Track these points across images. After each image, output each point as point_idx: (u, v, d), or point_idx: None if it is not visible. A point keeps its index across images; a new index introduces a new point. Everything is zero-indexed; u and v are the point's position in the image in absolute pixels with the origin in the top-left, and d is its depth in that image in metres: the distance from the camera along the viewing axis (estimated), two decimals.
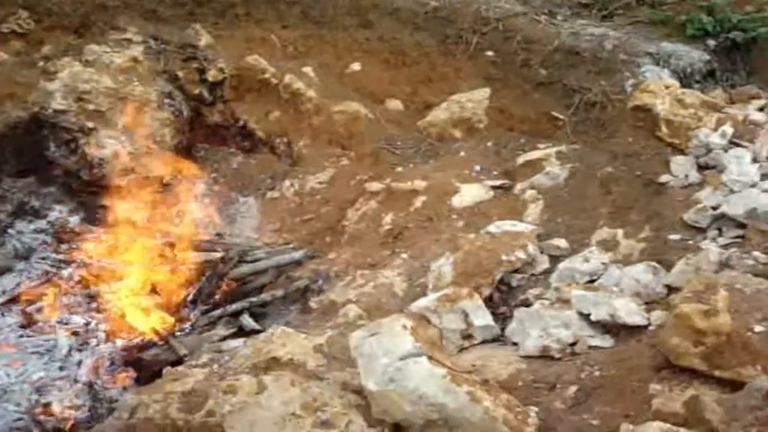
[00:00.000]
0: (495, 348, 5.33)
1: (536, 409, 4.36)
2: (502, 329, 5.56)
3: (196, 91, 9.10)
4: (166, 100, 8.78)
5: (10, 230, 8.35)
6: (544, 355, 5.02)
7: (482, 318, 5.44)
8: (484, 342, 5.46)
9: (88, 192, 8.65)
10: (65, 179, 8.72)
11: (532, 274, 6.22)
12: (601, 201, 6.85)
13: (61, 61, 8.68)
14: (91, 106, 8.43)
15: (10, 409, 6.56)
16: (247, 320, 6.96)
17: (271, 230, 8.36)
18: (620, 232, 6.38)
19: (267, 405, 4.59)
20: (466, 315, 5.43)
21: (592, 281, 5.80)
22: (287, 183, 8.67)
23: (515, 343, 5.34)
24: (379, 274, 6.52)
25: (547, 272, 6.21)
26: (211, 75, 9.03)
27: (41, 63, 8.81)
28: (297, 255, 7.61)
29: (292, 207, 8.50)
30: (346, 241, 7.57)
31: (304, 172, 8.71)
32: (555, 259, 6.31)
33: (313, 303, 6.55)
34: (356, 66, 9.06)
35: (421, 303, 5.57)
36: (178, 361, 6.50)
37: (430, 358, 4.23)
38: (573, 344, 5.08)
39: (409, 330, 4.38)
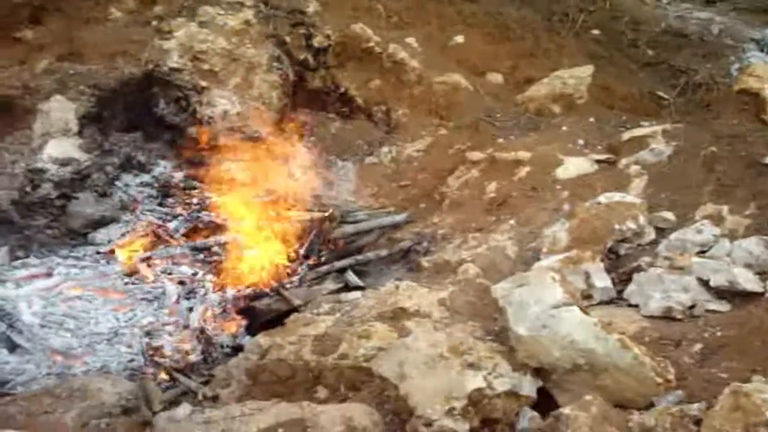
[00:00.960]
0: (614, 308, 5.60)
1: (668, 361, 4.64)
2: (618, 292, 5.83)
3: (302, 57, 9.47)
4: (275, 64, 9.13)
5: (117, 182, 8.71)
6: (666, 316, 5.27)
7: (603, 280, 5.71)
8: (601, 303, 5.73)
9: (194, 149, 9.03)
10: (171, 136, 9.13)
11: (639, 244, 6.45)
12: (704, 179, 7.04)
13: (175, 20, 9.07)
14: (205, 66, 8.80)
15: (123, 350, 6.93)
16: (351, 276, 7.28)
17: (368, 194, 8.69)
18: (725, 208, 6.57)
19: (414, 347, 4.88)
20: (587, 276, 5.71)
21: (702, 252, 6.04)
22: (385, 149, 9.02)
23: (632, 305, 5.60)
24: (490, 237, 6.80)
25: (653, 243, 6.43)
26: (317, 41, 9.39)
27: (154, 22, 9.21)
28: (398, 218, 7.94)
29: (389, 173, 8.85)
30: (448, 206, 7.86)
31: (402, 140, 9.05)
32: (660, 231, 6.53)
33: (425, 262, 6.85)
34: (459, 38, 9.37)
35: (543, 263, 5.85)
36: (291, 311, 6.88)
37: (579, 307, 4.54)
38: (691, 307, 5.34)
39: (558, 282, 4.68)
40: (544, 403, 4.65)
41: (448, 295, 5.90)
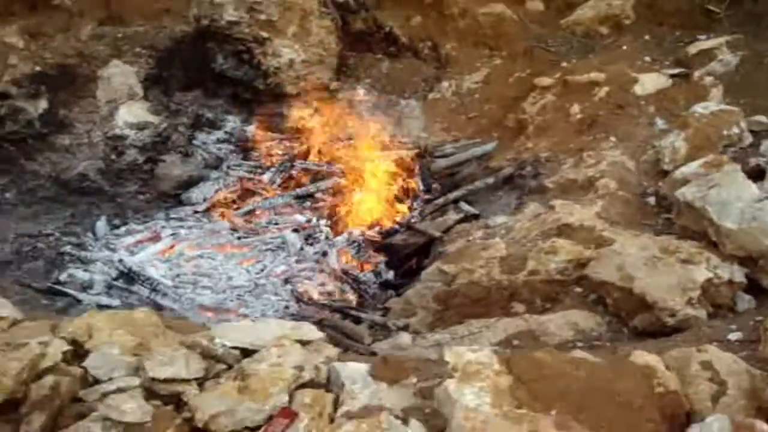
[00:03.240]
0: None
1: None
2: None
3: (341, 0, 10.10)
4: (323, 9, 9.73)
5: (194, 142, 9.28)
6: None
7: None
8: None
9: (259, 101, 9.63)
10: (233, 90, 9.68)
11: (741, 147, 7.57)
12: None
13: None
14: (262, 17, 9.30)
15: (273, 299, 7.63)
16: (466, 206, 8.10)
17: (439, 129, 9.53)
18: None
19: (626, 252, 5.84)
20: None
21: None
22: (445, 84, 9.84)
23: None
24: (605, 154, 7.78)
25: (752, 146, 7.52)
26: None
27: None
28: (488, 147, 8.81)
29: (454, 107, 9.70)
30: (533, 132, 8.74)
31: (458, 74, 9.88)
32: (756, 134, 7.66)
33: (549, 183, 7.74)
34: None
35: (685, 170, 6.83)
36: (428, 243, 7.73)
37: None
38: None
39: (749, 181, 5.75)
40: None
41: (601, 208, 6.88)
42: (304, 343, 4.03)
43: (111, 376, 3.54)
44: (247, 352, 3.91)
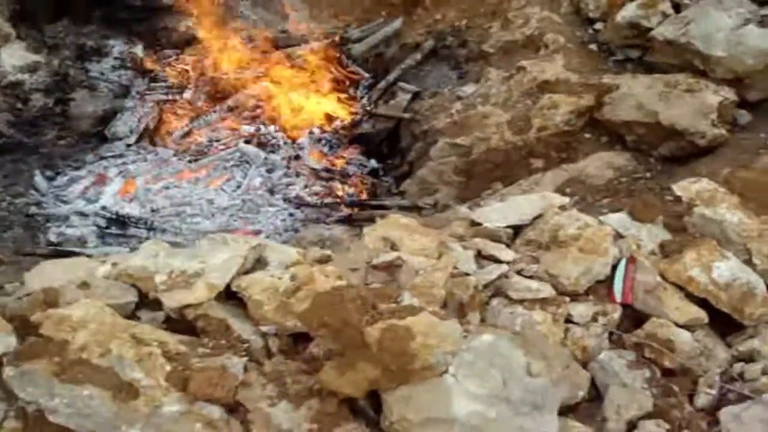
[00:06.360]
0: None
1: None
2: None
3: None
4: None
5: (90, 74, 9.60)
6: None
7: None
8: None
9: (137, 19, 10.05)
10: (103, 11, 10.00)
11: None
12: None
13: None
14: None
15: (271, 210, 8.38)
16: (406, 86, 9.32)
17: (327, 16, 10.58)
18: None
19: (637, 92, 7.33)
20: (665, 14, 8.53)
21: None
22: None
23: None
24: (529, 12, 9.28)
25: None
26: None
27: None
28: (396, 24, 10.01)
29: None
30: (432, 3, 10.05)
31: None
32: None
33: (487, 48, 9.17)
34: None
35: (625, 14, 8.35)
36: (397, 125, 8.97)
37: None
38: None
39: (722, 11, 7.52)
40: None
41: (563, 62, 8.46)
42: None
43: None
44: (514, 228, 5.10)
